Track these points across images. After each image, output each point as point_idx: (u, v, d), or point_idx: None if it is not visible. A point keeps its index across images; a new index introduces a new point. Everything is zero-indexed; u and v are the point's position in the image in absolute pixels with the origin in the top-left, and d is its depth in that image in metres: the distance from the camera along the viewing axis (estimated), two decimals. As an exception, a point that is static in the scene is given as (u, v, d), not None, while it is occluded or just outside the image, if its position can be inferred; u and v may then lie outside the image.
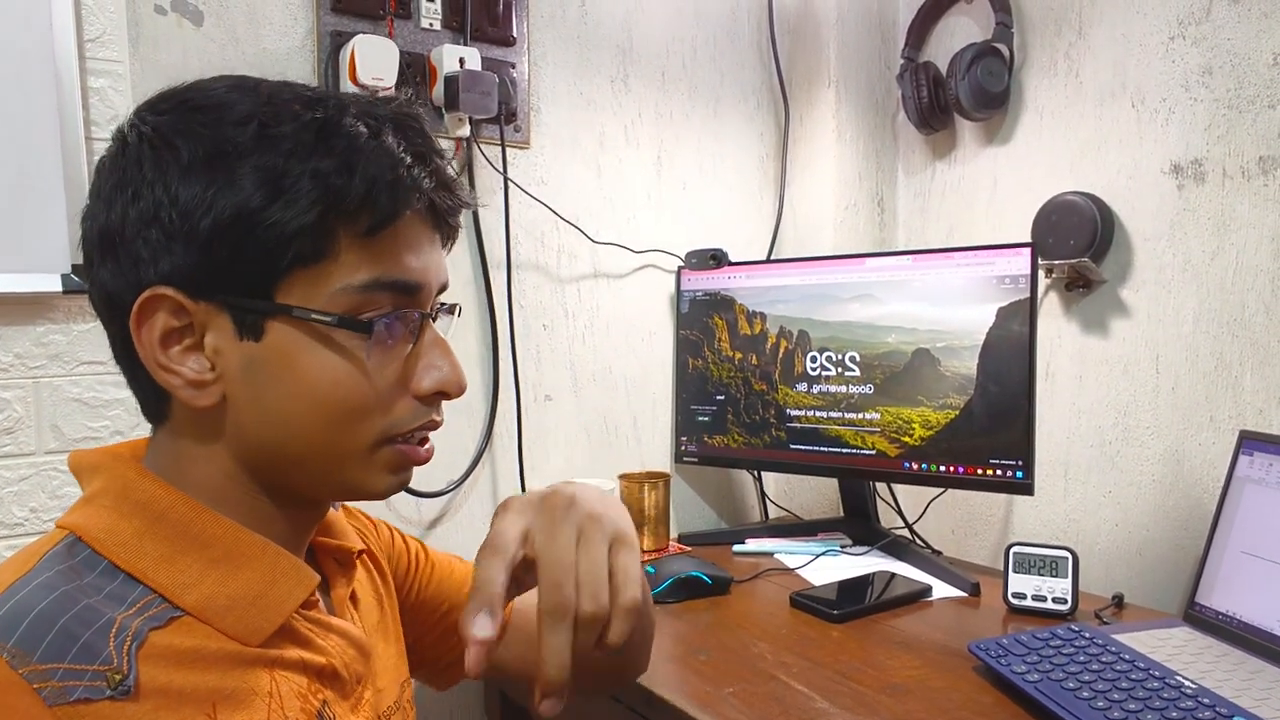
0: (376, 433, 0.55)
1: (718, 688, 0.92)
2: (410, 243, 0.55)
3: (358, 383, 0.53)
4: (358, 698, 0.59)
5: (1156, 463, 1.28)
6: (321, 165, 0.50)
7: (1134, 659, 0.86)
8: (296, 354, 0.52)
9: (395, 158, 0.53)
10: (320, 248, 0.51)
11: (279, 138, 0.51)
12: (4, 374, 1.01)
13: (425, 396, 0.56)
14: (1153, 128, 1.27)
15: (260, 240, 0.50)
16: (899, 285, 1.33)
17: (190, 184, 0.50)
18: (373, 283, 0.53)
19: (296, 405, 0.53)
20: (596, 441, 1.49)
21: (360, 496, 0.57)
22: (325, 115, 0.52)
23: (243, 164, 0.50)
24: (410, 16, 1.29)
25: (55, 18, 1.00)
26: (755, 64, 1.64)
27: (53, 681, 0.43)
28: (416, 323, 0.56)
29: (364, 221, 0.52)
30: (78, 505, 0.54)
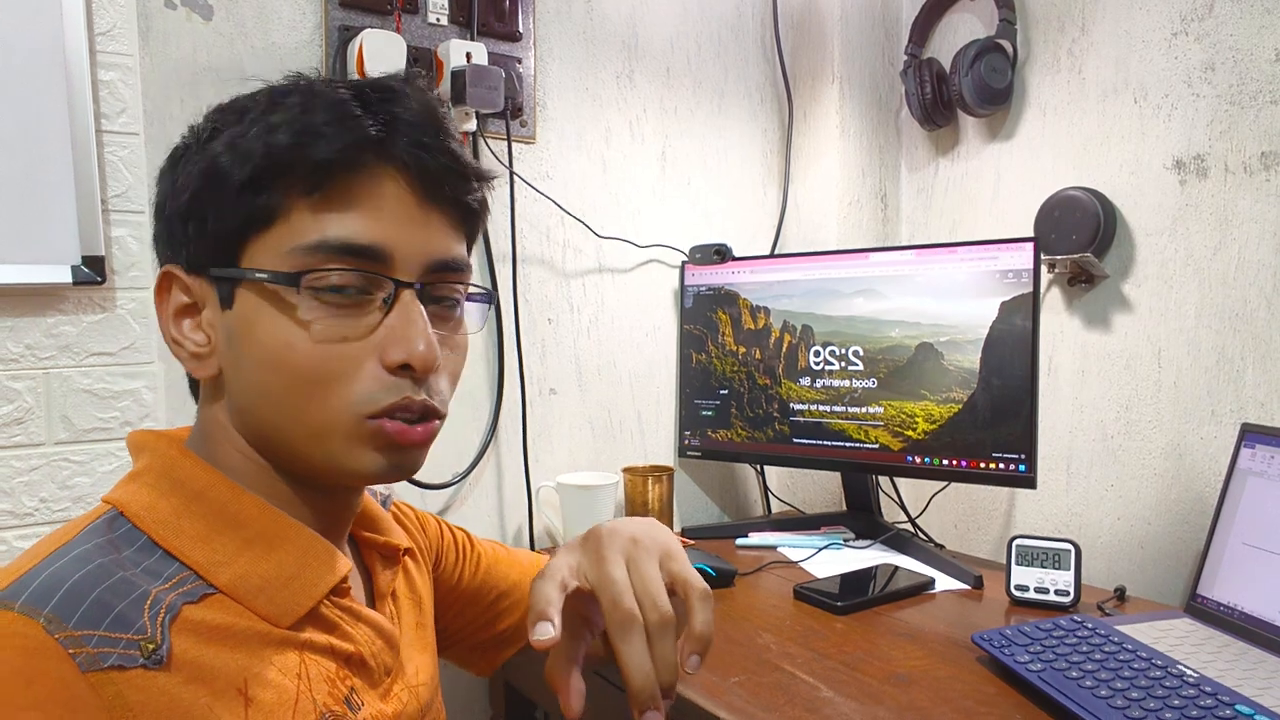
0: (346, 405, 0.52)
1: (723, 678, 0.92)
2: (376, 204, 0.52)
3: (306, 346, 0.51)
4: (386, 689, 0.59)
5: (1158, 457, 1.29)
6: (271, 120, 0.52)
7: (1136, 649, 0.87)
8: (256, 319, 0.52)
9: (340, 110, 0.52)
10: (270, 207, 0.51)
11: (250, 109, 0.53)
12: (15, 365, 1.02)
13: (393, 369, 0.53)
14: (1155, 123, 1.27)
15: (218, 205, 0.52)
16: (902, 280, 1.33)
17: (186, 168, 0.54)
18: (320, 243, 0.51)
19: (262, 373, 0.53)
20: (600, 435, 1.50)
21: (347, 477, 0.55)
22: (293, 84, 0.54)
23: (219, 140, 0.53)
24: (417, 11, 1.29)
25: (66, 12, 1.01)
26: (759, 60, 1.64)
27: (87, 648, 0.44)
28: (391, 291, 0.53)
29: (305, 176, 0.51)
30: (123, 481, 0.55)
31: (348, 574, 0.57)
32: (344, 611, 0.57)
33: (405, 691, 0.61)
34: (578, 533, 1.30)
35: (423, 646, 0.67)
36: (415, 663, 0.65)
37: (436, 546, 0.79)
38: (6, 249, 0.99)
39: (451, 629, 0.81)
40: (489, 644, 0.83)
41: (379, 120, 0.52)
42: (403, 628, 0.65)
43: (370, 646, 0.58)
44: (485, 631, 0.82)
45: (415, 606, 0.69)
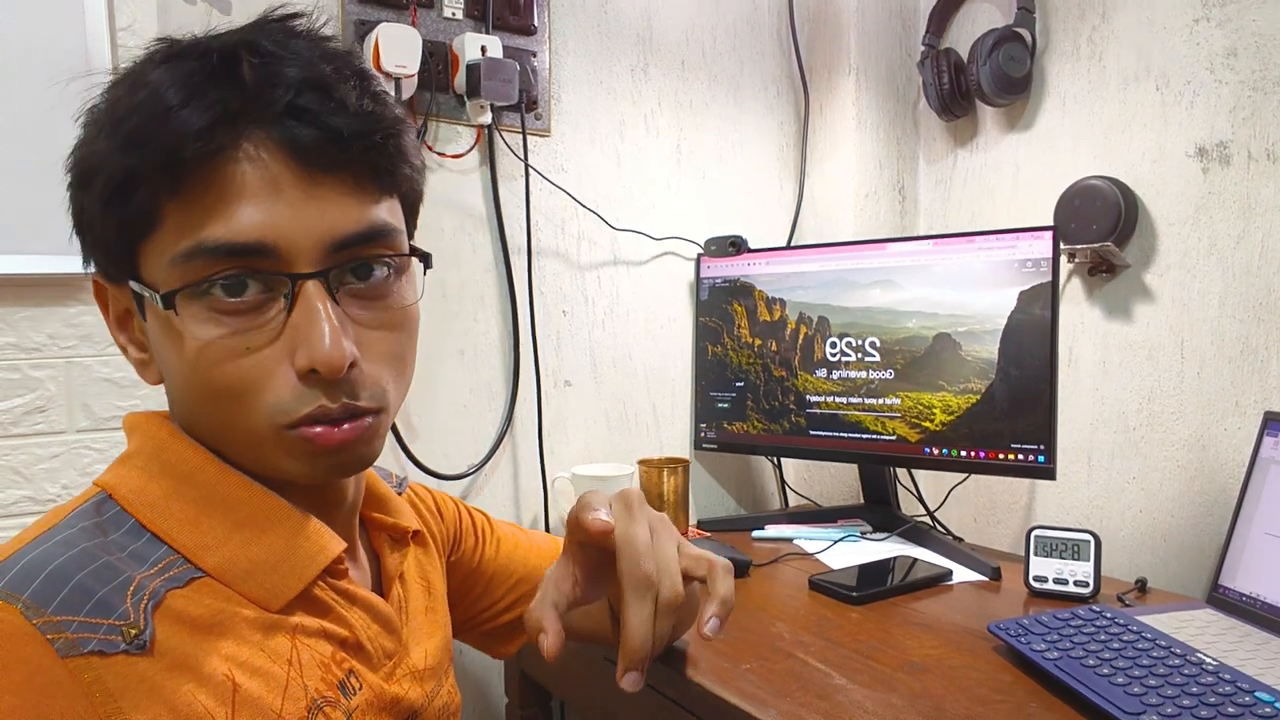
0: (263, 416, 0.49)
1: (735, 664, 0.92)
2: (243, 193, 0.46)
3: (209, 358, 0.48)
4: (389, 672, 0.58)
5: (1181, 448, 1.27)
6: (122, 122, 0.47)
7: (1155, 638, 0.86)
8: (162, 335, 0.50)
9: (187, 90, 0.46)
10: (142, 214, 0.47)
11: (106, 106, 0.49)
12: (36, 354, 1.04)
13: (302, 374, 0.49)
14: (1177, 111, 1.26)
15: (95, 217, 0.50)
16: (920, 270, 1.32)
17: (69, 173, 0.52)
18: (195, 249, 0.46)
19: (181, 382, 0.51)
20: (616, 427, 1.50)
21: (289, 480, 0.52)
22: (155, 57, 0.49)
23: (84, 145, 0.50)
24: (433, 6, 1.30)
25: (87, 6, 1.03)
26: (775, 52, 1.64)
27: (66, 634, 0.43)
28: (290, 287, 0.48)
29: (162, 176, 0.46)
30: (115, 463, 0.54)
31: (342, 556, 0.55)
32: (339, 594, 0.56)
33: (409, 676, 0.60)
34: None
35: (431, 631, 0.66)
36: (423, 646, 0.64)
37: (455, 529, 0.79)
38: (28, 239, 1.01)
39: (471, 612, 0.81)
40: (507, 627, 0.83)
41: (234, 89, 0.46)
42: (410, 611, 0.64)
43: (367, 630, 0.57)
44: (504, 615, 0.82)
45: (424, 590, 0.68)
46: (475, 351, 1.36)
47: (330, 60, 0.50)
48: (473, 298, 1.36)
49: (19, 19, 0.99)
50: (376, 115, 0.50)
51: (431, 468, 1.31)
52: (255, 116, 0.46)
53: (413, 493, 0.77)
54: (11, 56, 0.99)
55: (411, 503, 0.74)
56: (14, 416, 1.03)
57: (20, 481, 1.03)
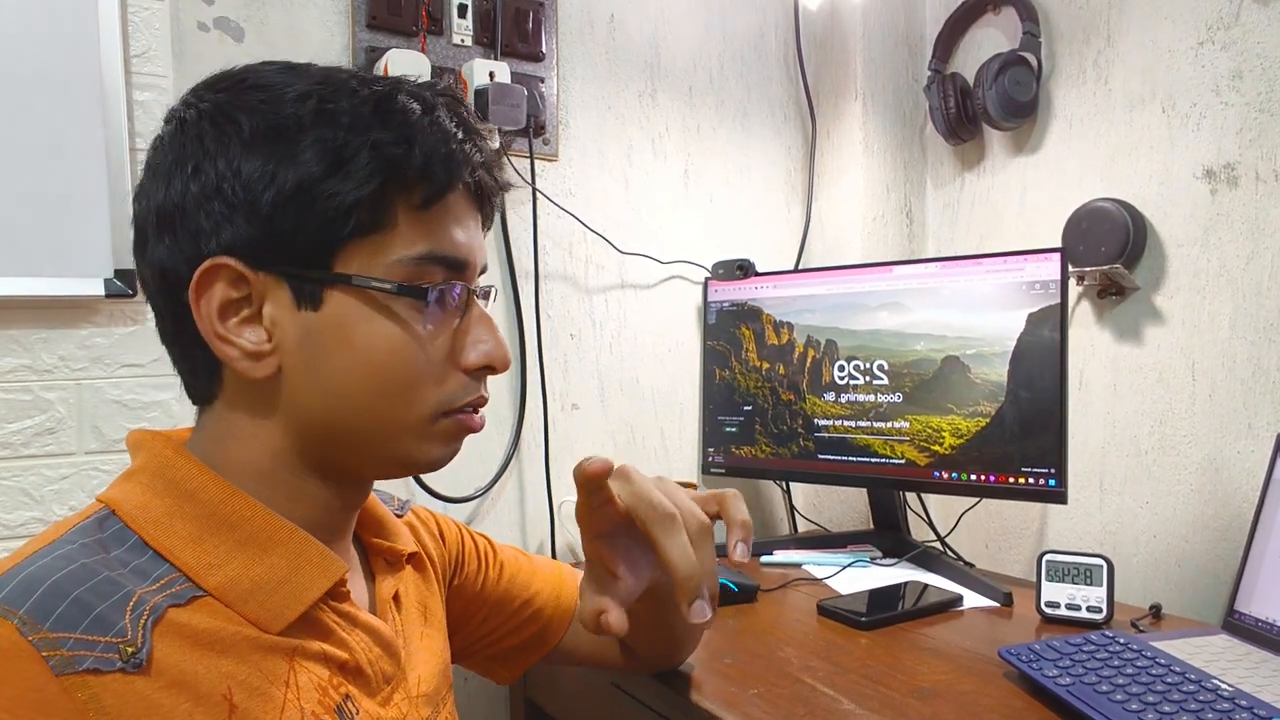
0: (431, 405, 0.55)
1: (743, 689, 0.91)
2: (458, 218, 0.56)
3: (413, 352, 0.54)
4: (386, 697, 0.58)
5: (1194, 472, 1.25)
6: (380, 137, 0.52)
7: (1169, 664, 0.84)
8: (354, 323, 0.53)
9: (448, 132, 0.54)
10: (378, 219, 0.52)
11: (337, 112, 0.52)
12: (48, 375, 1.05)
13: (472, 370, 0.57)
14: (1184, 133, 1.26)
15: (321, 211, 0.51)
16: (928, 293, 1.32)
17: (252, 157, 0.51)
18: (427, 255, 0.54)
19: (353, 376, 0.53)
20: (623, 451, 1.50)
21: (413, 469, 0.58)
22: (381, 91, 0.54)
23: (304, 137, 0.51)
24: (442, 33, 1.32)
25: (103, 34, 1.04)
26: (782, 78, 1.65)
27: (62, 650, 0.43)
28: (464, 298, 0.57)
29: (420, 194, 0.53)
30: (118, 480, 0.54)
31: (345, 578, 0.56)
32: (341, 617, 0.56)
33: (405, 701, 0.60)
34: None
35: (428, 656, 0.66)
36: (419, 672, 0.63)
37: (457, 553, 0.79)
38: (43, 262, 1.02)
39: (474, 637, 0.81)
40: (511, 652, 0.83)
41: (470, 143, 0.56)
42: (406, 636, 0.64)
43: (367, 654, 0.56)
44: (508, 640, 0.82)
45: (421, 615, 0.68)
46: (483, 374, 1.36)
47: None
48: (480, 321, 1.36)
49: (37, 47, 1.01)
50: (508, 184, 0.63)
51: (438, 491, 1.31)
52: (477, 167, 0.57)
53: (415, 515, 0.77)
54: (29, 85, 1.01)
55: (412, 525, 0.74)
56: (25, 438, 1.04)
57: (29, 503, 1.04)
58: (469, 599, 0.79)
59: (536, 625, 0.82)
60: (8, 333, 1.03)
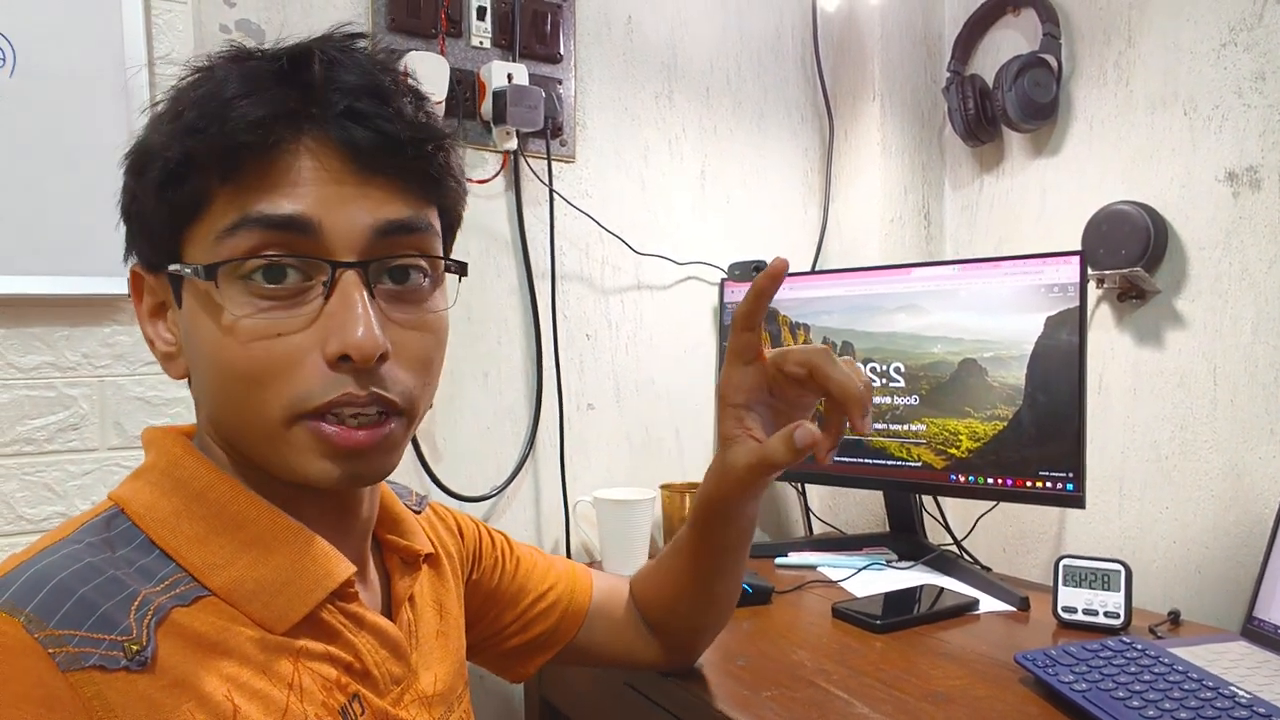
0: (285, 404, 0.49)
1: (756, 691, 0.91)
2: (296, 180, 0.48)
3: (236, 345, 0.49)
4: (396, 698, 0.57)
5: (1215, 478, 1.24)
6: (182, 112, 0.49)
7: (1187, 670, 0.83)
8: (197, 318, 0.50)
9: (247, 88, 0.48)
10: (193, 199, 0.49)
11: (172, 101, 0.51)
12: (72, 372, 1.06)
13: (333, 361, 0.49)
14: (1206, 135, 1.24)
15: (147, 201, 0.51)
16: (945, 295, 1.32)
17: (125, 163, 0.53)
18: (240, 221, 0.48)
19: (208, 374, 0.51)
20: (639, 451, 1.50)
21: (304, 483, 0.52)
22: (209, 67, 0.51)
23: (146, 136, 0.52)
24: (461, 35, 1.33)
25: (127, 36, 1.06)
26: (799, 80, 1.65)
27: (68, 648, 0.43)
28: (330, 274, 0.49)
29: (217, 162, 0.48)
30: (129, 477, 0.54)
31: (352, 579, 0.55)
32: (348, 618, 0.55)
33: (417, 702, 0.59)
34: (613, 548, 1.31)
35: (443, 656, 0.66)
36: (433, 672, 0.63)
37: (475, 548, 0.79)
38: (67, 261, 1.04)
39: (489, 631, 0.81)
40: (525, 648, 0.83)
41: (298, 89, 0.48)
42: (420, 636, 0.63)
43: (373, 655, 0.56)
44: (522, 635, 0.82)
45: (437, 614, 0.68)
46: (499, 374, 1.37)
47: (389, 74, 0.52)
48: (497, 321, 1.37)
49: (63, 49, 1.03)
50: (429, 126, 0.52)
51: (454, 490, 1.32)
52: (316, 116, 0.49)
53: (433, 511, 0.77)
54: (56, 86, 1.03)
55: (430, 521, 0.74)
56: (48, 433, 1.05)
57: (52, 498, 1.05)
58: (486, 594, 0.80)
59: (551, 620, 0.83)
60: (31, 330, 1.04)
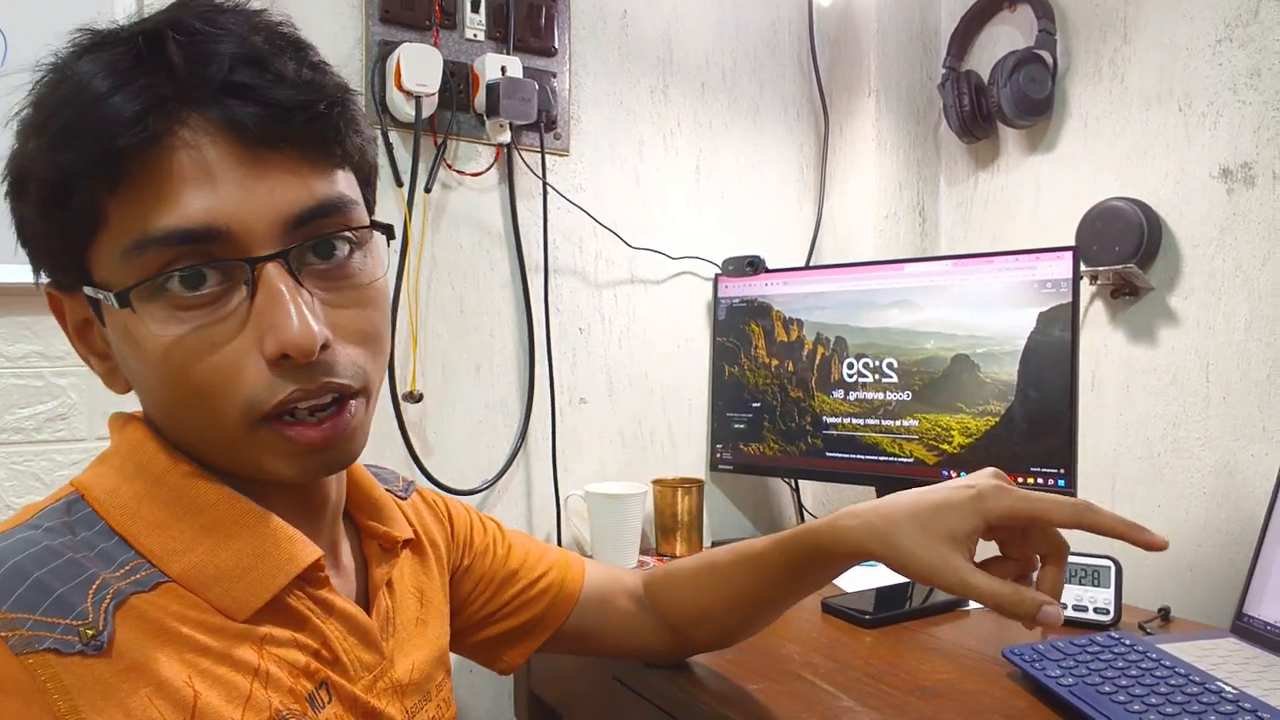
0: (236, 412, 0.48)
1: (743, 684, 0.91)
2: (187, 178, 0.45)
3: (177, 356, 0.47)
4: (369, 684, 0.56)
5: (1207, 475, 1.24)
6: (45, 115, 0.47)
7: (1174, 666, 0.83)
8: (123, 337, 0.49)
9: (115, 77, 0.44)
10: (84, 215, 0.46)
11: (31, 113, 0.48)
12: (60, 362, 1.06)
13: (272, 361, 0.47)
14: (1200, 132, 1.24)
15: (37, 223, 0.48)
16: (938, 290, 1.31)
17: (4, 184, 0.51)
18: (143, 241, 0.45)
19: (151, 392, 0.50)
20: (631, 446, 1.50)
21: (276, 480, 0.51)
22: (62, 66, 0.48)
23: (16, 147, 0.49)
24: (455, 27, 1.32)
25: (119, 24, 1.06)
26: (795, 75, 1.65)
27: (21, 630, 0.42)
28: (249, 273, 0.46)
29: (98, 173, 0.44)
30: (93, 463, 0.54)
31: (322, 563, 0.54)
32: (316, 603, 0.54)
33: (390, 690, 0.58)
34: (605, 542, 1.31)
35: (422, 644, 0.65)
36: (410, 659, 0.62)
37: (466, 534, 0.79)
38: (56, 250, 1.03)
39: (480, 615, 0.80)
40: (514, 634, 0.82)
41: (163, 72, 0.45)
42: (398, 623, 0.63)
43: (342, 642, 0.55)
44: (512, 620, 0.81)
45: (417, 602, 0.67)
46: (491, 367, 1.37)
47: (262, 32, 0.48)
48: (489, 314, 1.37)
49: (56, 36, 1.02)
50: (318, 84, 0.48)
51: (445, 483, 1.31)
52: (190, 99, 0.45)
53: (420, 498, 0.77)
54: (44, 73, 1.02)
55: (416, 508, 0.74)
56: (36, 423, 1.05)
57: (40, 487, 1.05)
58: (477, 578, 0.79)
59: (541, 605, 0.82)
60: (20, 319, 1.04)
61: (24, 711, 0.41)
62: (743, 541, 0.82)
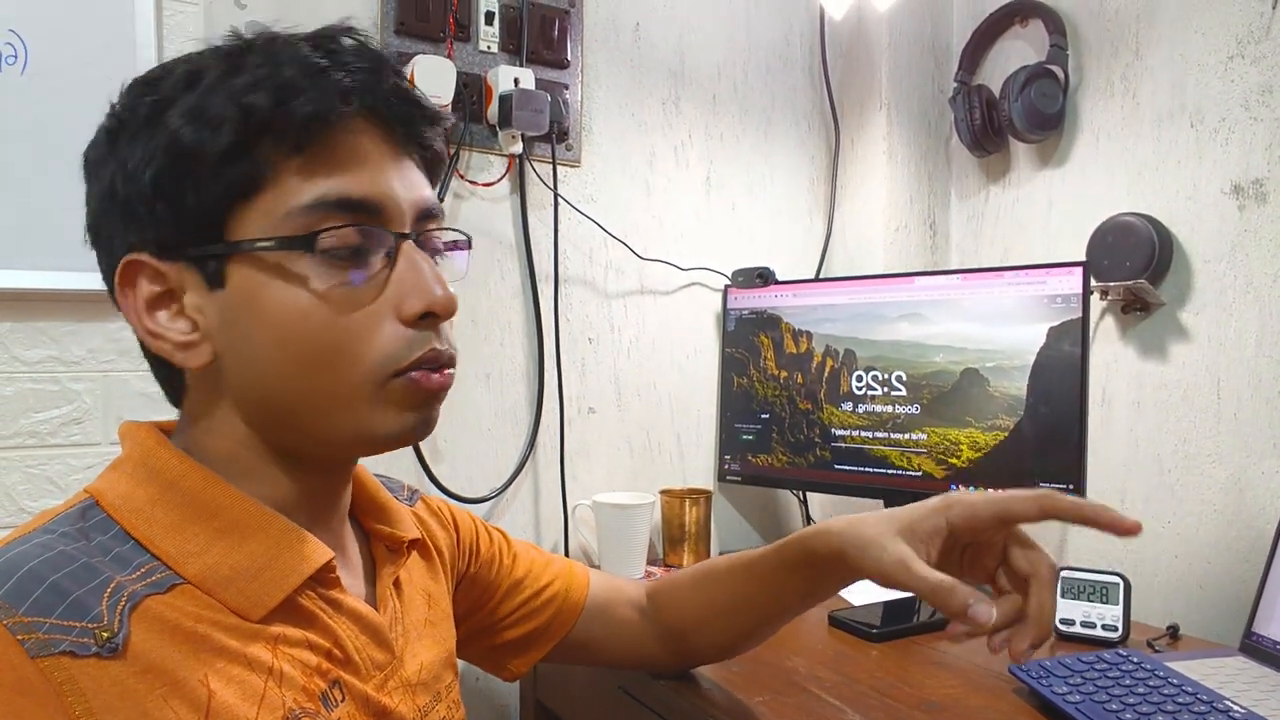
0: (369, 367, 0.52)
1: (748, 696, 0.91)
2: (359, 157, 0.52)
3: (324, 314, 0.51)
4: (380, 683, 0.57)
5: (1218, 492, 1.23)
6: (235, 85, 0.49)
7: (1181, 684, 0.83)
8: (260, 293, 0.51)
9: (310, 65, 0.50)
10: (255, 173, 0.50)
11: (202, 73, 0.51)
12: (76, 367, 1.07)
13: (411, 321, 0.52)
14: (1212, 148, 1.24)
15: (195, 178, 0.50)
16: (948, 304, 1.31)
17: (134, 148, 0.51)
18: (319, 201, 0.50)
19: (274, 351, 0.51)
20: (639, 456, 1.50)
21: (375, 443, 0.54)
22: (244, 43, 0.52)
23: (171, 110, 0.50)
24: (469, 39, 1.34)
25: (138, 37, 1.08)
26: (807, 88, 1.65)
27: (38, 634, 0.43)
28: (392, 244, 0.53)
29: (290, 137, 0.50)
30: (106, 470, 0.54)
31: (333, 564, 0.55)
32: (327, 603, 0.55)
33: (401, 689, 0.59)
34: (612, 551, 1.31)
35: (430, 644, 0.66)
36: (419, 659, 0.63)
37: (471, 542, 0.80)
38: (73, 257, 1.04)
39: (485, 623, 0.81)
40: (519, 643, 0.82)
41: (346, 71, 0.51)
42: (407, 624, 0.63)
43: (354, 641, 0.56)
44: (517, 629, 0.82)
45: (425, 603, 0.68)
46: (500, 376, 1.38)
47: (391, 59, 0.56)
48: (499, 323, 1.38)
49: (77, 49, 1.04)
50: (439, 111, 0.58)
51: (454, 491, 1.32)
52: (367, 94, 0.52)
53: (426, 505, 0.77)
54: (68, 84, 1.04)
55: (420, 515, 0.74)
56: (51, 427, 1.06)
57: (55, 491, 1.06)
58: (483, 586, 0.80)
59: (546, 615, 0.82)
60: (37, 324, 1.05)
61: (39, 714, 0.42)
62: (744, 551, 0.82)
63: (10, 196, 1.02)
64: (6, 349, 1.04)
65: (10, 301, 1.04)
